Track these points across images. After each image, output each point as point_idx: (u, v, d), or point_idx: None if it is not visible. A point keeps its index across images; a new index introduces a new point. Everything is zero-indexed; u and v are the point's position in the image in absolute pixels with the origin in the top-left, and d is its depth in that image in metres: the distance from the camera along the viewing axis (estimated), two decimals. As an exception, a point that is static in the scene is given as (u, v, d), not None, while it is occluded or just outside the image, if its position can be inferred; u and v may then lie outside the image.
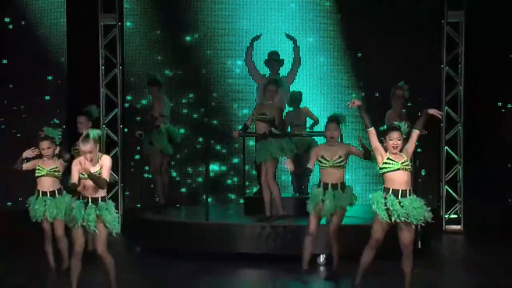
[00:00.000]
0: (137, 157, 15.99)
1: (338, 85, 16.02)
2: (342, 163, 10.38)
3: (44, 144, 10.84)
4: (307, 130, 14.32)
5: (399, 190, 9.74)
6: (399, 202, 9.68)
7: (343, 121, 10.48)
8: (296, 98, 14.31)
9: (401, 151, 9.87)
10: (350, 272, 10.29)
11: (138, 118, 15.79)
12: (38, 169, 10.87)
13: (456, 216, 14.88)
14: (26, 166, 10.81)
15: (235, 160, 16.02)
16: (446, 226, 14.81)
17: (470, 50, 15.07)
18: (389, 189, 9.82)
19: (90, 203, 9.42)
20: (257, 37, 14.82)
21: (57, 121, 15.71)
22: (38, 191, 10.98)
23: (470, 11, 14.99)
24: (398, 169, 9.48)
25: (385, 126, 12.55)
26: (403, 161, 9.45)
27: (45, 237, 10.88)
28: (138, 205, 15.58)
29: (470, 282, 11.20)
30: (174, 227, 13.11)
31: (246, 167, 14.66)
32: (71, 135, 13.43)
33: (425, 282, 11.16)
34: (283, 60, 14.40)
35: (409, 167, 9.55)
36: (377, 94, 15.70)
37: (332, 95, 16.01)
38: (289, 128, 13.83)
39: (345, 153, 10.60)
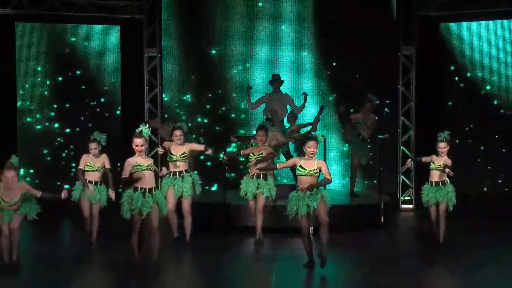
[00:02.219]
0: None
1: (319, 91, 15.70)
2: (316, 174, 9.53)
3: (93, 145, 10.89)
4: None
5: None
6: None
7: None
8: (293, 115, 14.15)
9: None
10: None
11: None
12: (88, 165, 10.88)
13: (409, 198, 15.10)
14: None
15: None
16: (402, 205, 15.07)
17: (419, 75, 15.15)
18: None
19: (147, 193, 9.45)
20: (249, 88, 14.21)
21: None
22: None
23: (419, 46, 15.06)
24: (305, 175, 9.43)
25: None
26: (312, 168, 9.43)
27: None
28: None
29: (417, 244, 11.65)
30: (199, 204, 12.42)
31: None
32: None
33: (385, 245, 11.75)
34: (283, 81, 14.11)
35: (316, 173, 9.44)
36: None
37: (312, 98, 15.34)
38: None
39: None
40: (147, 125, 9.62)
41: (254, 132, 12.00)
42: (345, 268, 10.15)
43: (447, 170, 10.24)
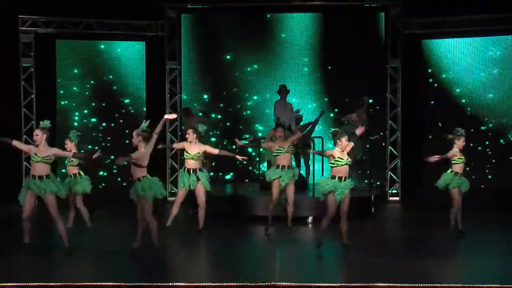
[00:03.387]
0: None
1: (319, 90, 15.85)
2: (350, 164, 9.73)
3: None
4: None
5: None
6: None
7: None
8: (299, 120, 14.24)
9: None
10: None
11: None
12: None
13: (396, 191, 15.08)
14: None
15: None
16: (389, 198, 15.04)
17: (404, 84, 15.16)
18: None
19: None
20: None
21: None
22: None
23: (404, 59, 15.11)
24: (343, 165, 9.64)
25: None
26: (347, 158, 9.69)
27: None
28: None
29: (403, 232, 11.76)
30: (214, 197, 12.59)
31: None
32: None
33: (375, 232, 11.72)
34: (288, 90, 13.91)
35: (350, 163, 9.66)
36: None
37: (315, 96, 15.76)
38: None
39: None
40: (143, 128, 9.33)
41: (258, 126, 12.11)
42: (340, 251, 10.06)
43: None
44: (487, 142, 15.54)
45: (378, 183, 15.21)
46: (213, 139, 15.79)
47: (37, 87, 15.03)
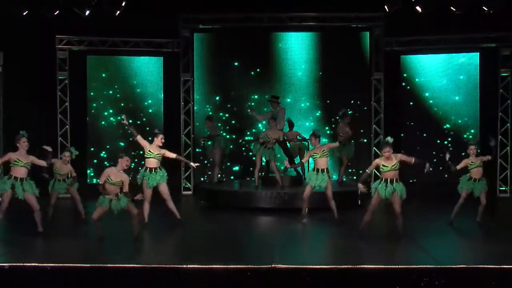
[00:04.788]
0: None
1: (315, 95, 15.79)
2: (397, 168, 9.53)
3: (66, 154, 10.94)
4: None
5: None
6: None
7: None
8: (290, 123, 14.41)
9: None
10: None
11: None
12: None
13: None
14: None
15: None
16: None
17: (386, 93, 15.26)
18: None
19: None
20: (251, 109, 14.19)
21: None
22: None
23: (386, 72, 15.02)
24: (389, 170, 9.40)
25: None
26: (392, 164, 9.40)
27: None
28: (201, 179, 15.61)
29: (385, 221, 11.33)
30: (223, 192, 13.15)
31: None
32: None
33: (361, 221, 10.68)
34: (279, 101, 13.98)
35: (397, 168, 9.38)
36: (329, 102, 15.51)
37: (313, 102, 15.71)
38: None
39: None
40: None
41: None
42: (331, 237, 10.20)
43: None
44: (449, 139, 15.65)
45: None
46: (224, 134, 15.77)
47: (71, 96, 15.18)
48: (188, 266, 7.77)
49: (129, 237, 9.52)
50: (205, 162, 15.51)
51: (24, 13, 11.87)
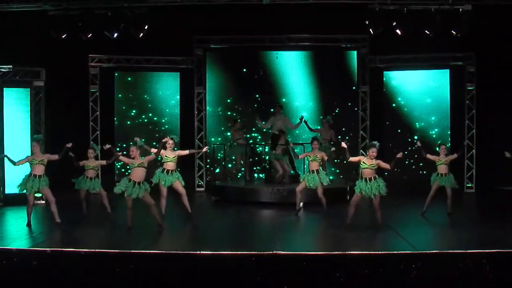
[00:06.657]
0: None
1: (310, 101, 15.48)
2: (375, 168, 9.35)
3: (91, 151, 10.65)
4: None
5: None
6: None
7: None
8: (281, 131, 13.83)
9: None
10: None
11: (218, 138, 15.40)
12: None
13: None
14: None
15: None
16: None
17: (371, 103, 15.18)
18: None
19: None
20: (258, 116, 14.02)
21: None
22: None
23: (371, 85, 15.19)
24: (367, 168, 9.32)
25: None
26: (371, 164, 9.32)
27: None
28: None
29: (369, 213, 10.70)
30: (231, 187, 13.09)
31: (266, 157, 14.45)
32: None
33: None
34: (282, 107, 14.05)
35: (375, 167, 9.30)
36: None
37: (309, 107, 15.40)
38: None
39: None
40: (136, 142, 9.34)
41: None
42: (322, 228, 10.15)
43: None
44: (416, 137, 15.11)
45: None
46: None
47: (101, 107, 15.14)
48: (200, 252, 7.78)
49: (149, 228, 9.50)
50: (214, 164, 15.43)
51: (63, 36, 12.06)
